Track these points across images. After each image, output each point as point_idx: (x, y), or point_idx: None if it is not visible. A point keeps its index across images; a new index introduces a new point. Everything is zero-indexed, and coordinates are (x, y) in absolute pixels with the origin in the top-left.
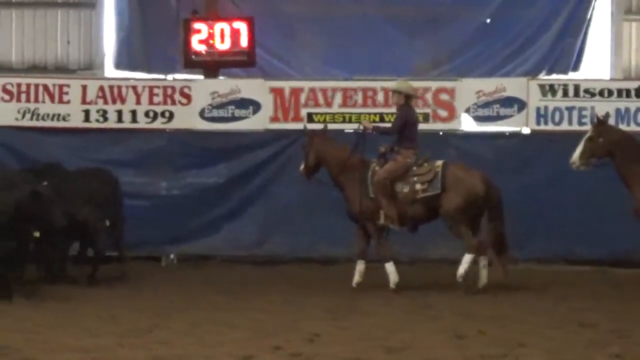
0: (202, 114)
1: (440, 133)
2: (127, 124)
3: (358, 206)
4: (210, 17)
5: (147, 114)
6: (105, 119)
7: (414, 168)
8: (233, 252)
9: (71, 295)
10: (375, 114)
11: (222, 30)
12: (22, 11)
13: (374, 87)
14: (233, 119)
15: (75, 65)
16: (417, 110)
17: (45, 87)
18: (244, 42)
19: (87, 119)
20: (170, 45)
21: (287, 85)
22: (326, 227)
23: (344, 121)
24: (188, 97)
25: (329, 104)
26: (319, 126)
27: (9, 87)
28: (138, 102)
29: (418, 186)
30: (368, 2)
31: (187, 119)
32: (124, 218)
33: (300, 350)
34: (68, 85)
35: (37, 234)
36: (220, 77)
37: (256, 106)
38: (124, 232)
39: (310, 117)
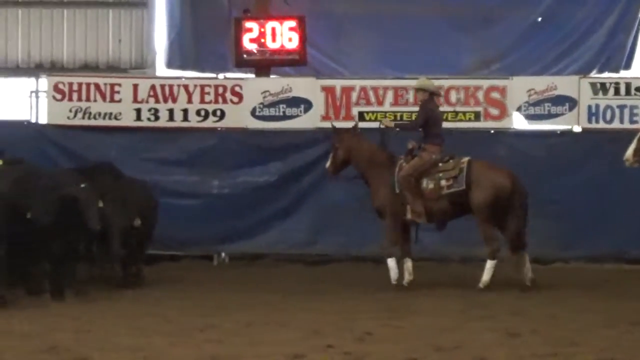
0: (253, 112)
1: (492, 131)
2: (178, 122)
3: (382, 201)
4: (262, 16)
5: (198, 113)
6: (157, 118)
7: (440, 164)
8: (285, 250)
9: (123, 295)
10: None
11: (273, 29)
12: (73, 10)
13: None
14: (284, 117)
15: (127, 64)
16: (469, 109)
17: (97, 86)
18: (295, 40)
19: (138, 118)
20: (222, 44)
21: (338, 84)
22: (377, 225)
23: (395, 120)
24: (239, 96)
25: (380, 103)
26: (371, 125)
27: (60, 86)
28: (189, 101)
29: (443, 182)
30: (419, 1)
31: (238, 117)
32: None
33: (352, 349)
34: (119, 84)
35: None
36: (272, 76)
37: (307, 105)
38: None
39: (361, 116)
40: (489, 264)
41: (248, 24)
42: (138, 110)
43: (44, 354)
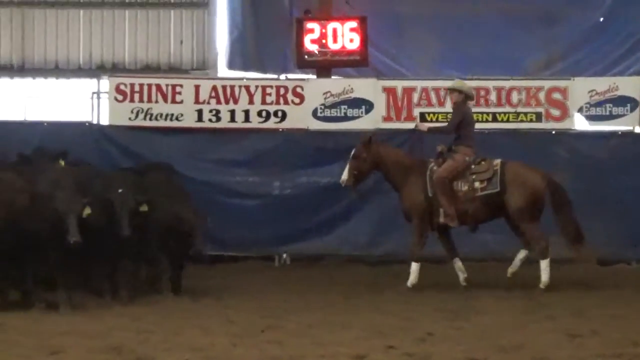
0: (314, 113)
1: (553, 132)
2: (239, 123)
3: (412, 204)
4: (323, 16)
5: (259, 114)
6: (218, 119)
7: (473, 166)
8: (346, 252)
9: (185, 295)
10: (487, 113)
11: (334, 30)
12: (135, 11)
13: (487, 87)
14: (345, 118)
15: (188, 65)
16: (530, 110)
17: (159, 87)
18: (356, 41)
19: (200, 119)
20: (283, 45)
21: (399, 84)
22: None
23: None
24: (301, 97)
25: (441, 104)
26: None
27: (122, 87)
28: (251, 102)
29: (477, 184)
30: (481, 1)
31: (299, 118)
32: None
33: (414, 349)
34: (181, 85)
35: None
36: (333, 77)
37: (369, 106)
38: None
39: (422, 117)
40: (544, 264)
41: (309, 25)
42: (199, 111)
43: (106, 353)
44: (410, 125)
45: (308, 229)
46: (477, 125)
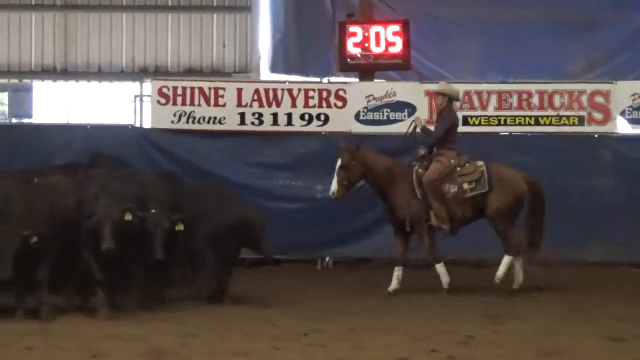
0: (357, 117)
1: (596, 136)
2: (282, 127)
3: (408, 210)
4: (366, 20)
5: (302, 117)
6: (261, 122)
7: (458, 169)
8: (389, 255)
9: (228, 299)
10: (530, 117)
11: (377, 34)
12: (178, 15)
13: (530, 90)
14: (388, 122)
15: (231, 69)
16: (573, 113)
17: (201, 90)
18: (399, 45)
19: (242, 122)
20: (326, 49)
21: None
22: (478, 229)
23: (499, 124)
24: (344, 100)
25: (484, 107)
26: (475, 129)
27: (165, 90)
28: (294, 105)
29: (466, 186)
30: (524, 5)
31: (342, 122)
32: None
33: (455, 353)
34: (224, 89)
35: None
36: (376, 80)
37: (411, 109)
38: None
39: (465, 121)
40: (507, 260)
41: (352, 29)
42: (242, 115)
43: (148, 357)
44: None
45: (350, 232)
46: (520, 129)
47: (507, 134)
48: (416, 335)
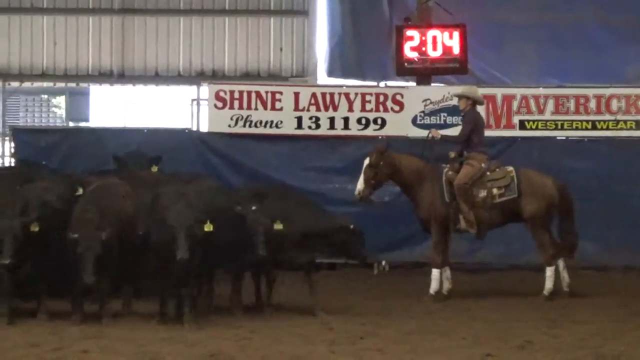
0: (414, 121)
1: None
2: (339, 131)
3: (430, 212)
4: (423, 24)
5: (359, 121)
6: (318, 126)
7: (488, 173)
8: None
9: (283, 303)
10: (587, 121)
11: (434, 38)
12: (235, 18)
13: (586, 94)
14: (445, 126)
15: (288, 73)
16: (630, 117)
17: (258, 94)
18: (456, 49)
19: (299, 126)
20: (383, 52)
21: (499, 92)
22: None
23: (555, 128)
24: (400, 104)
25: (541, 111)
26: (532, 133)
27: (222, 94)
28: (350, 109)
29: (495, 190)
30: (581, 9)
31: (399, 126)
32: None
33: (512, 357)
34: (281, 93)
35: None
36: (433, 84)
37: None
38: None
39: (522, 124)
40: (549, 272)
41: (409, 32)
42: (299, 119)
43: None
44: (510, 133)
45: (407, 236)
46: (577, 133)
47: (564, 138)
48: (472, 339)
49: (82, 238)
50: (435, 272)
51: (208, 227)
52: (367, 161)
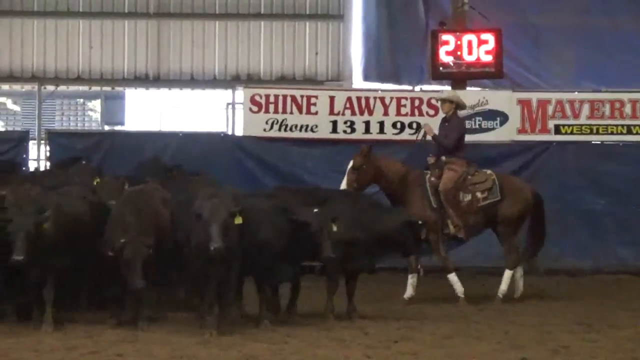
0: None
1: None
2: (374, 135)
3: (425, 218)
4: (458, 28)
5: (394, 125)
6: (353, 130)
7: (469, 177)
8: (481, 263)
9: (319, 306)
10: (622, 126)
11: (469, 42)
12: (271, 23)
13: (622, 99)
14: (480, 130)
15: (323, 77)
16: None
17: (294, 98)
18: (491, 53)
19: (334, 130)
20: (418, 56)
21: (534, 96)
22: (573, 238)
23: (591, 133)
24: (436, 109)
25: (576, 116)
26: (567, 138)
27: (257, 98)
28: (386, 114)
29: (479, 194)
30: (619, 14)
31: (434, 130)
32: None
33: None
34: (316, 97)
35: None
36: (468, 88)
37: (503, 117)
38: None
39: (557, 129)
40: (507, 274)
41: (444, 37)
42: (334, 123)
43: None
44: (545, 138)
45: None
46: (612, 138)
47: (599, 142)
48: (508, 343)
49: (130, 243)
50: (452, 277)
51: (238, 220)
52: (350, 164)
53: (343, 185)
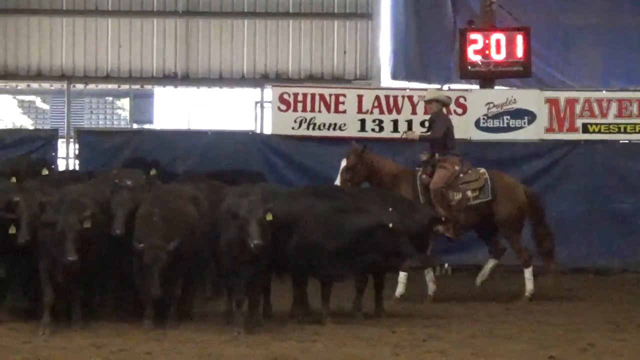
0: (477, 123)
1: None
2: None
3: None
4: (487, 27)
5: (422, 124)
6: (381, 129)
7: (461, 175)
8: (508, 262)
9: (347, 305)
10: None
11: (497, 41)
12: (299, 21)
13: None
14: (508, 129)
15: (352, 75)
16: None
17: (322, 96)
18: (519, 52)
19: (362, 129)
20: (446, 55)
21: (562, 95)
22: (601, 238)
23: (619, 132)
24: (463, 107)
25: (604, 115)
26: (595, 136)
27: (285, 96)
28: (414, 112)
29: (469, 193)
30: None
31: (462, 128)
32: None
33: None
34: (344, 95)
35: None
36: (496, 87)
37: (531, 116)
38: None
39: (585, 128)
40: (528, 273)
41: (473, 36)
42: (362, 121)
43: None
44: (573, 137)
45: (469, 239)
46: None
47: (627, 141)
48: (536, 342)
49: (149, 249)
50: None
51: (269, 217)
52: (344, 163)
53: (336, 184)
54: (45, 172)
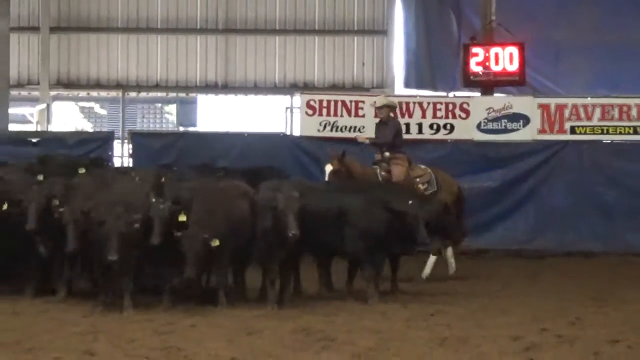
0: (479, 126)
1: None
2: (414, 135)
3: None
4: (487, 42)
5: (431, 127)
6: None
7: (410, 171)
8: (506, 246)
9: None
10: (629, 127)
11: (496, 54)
12: (323, 37)
13: (629, 104)
14: (505, 131)
15: (369, 84)
16: None
17: (344, 103)
18: (515, 64)
19: None
20: (452, 67)
21: (553, 101)
22: (587, 225)
23: (602, 133)
24: (467, 112)
25: (589, 118)
26: (581, 137)
27: (312, 103)
28: (423, 116)
29: (421, 186)
30: (631, 30)
31: (466, 130)
32: None
33: (564, 332)
34: (363, 102)
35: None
36: (495, 95)
37: (526, 120)
38: None
39: (572, 130)
40: (432, 259)
41: (474, 50)
42: None
43: (296, 333)
44: (562, 137)
45: (473, 226)
46: (620, 137)
47: (609, 141)
48: (529, 316)
49: (186, 236)
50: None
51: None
52: (329, 167)
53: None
54: (81, 170)
